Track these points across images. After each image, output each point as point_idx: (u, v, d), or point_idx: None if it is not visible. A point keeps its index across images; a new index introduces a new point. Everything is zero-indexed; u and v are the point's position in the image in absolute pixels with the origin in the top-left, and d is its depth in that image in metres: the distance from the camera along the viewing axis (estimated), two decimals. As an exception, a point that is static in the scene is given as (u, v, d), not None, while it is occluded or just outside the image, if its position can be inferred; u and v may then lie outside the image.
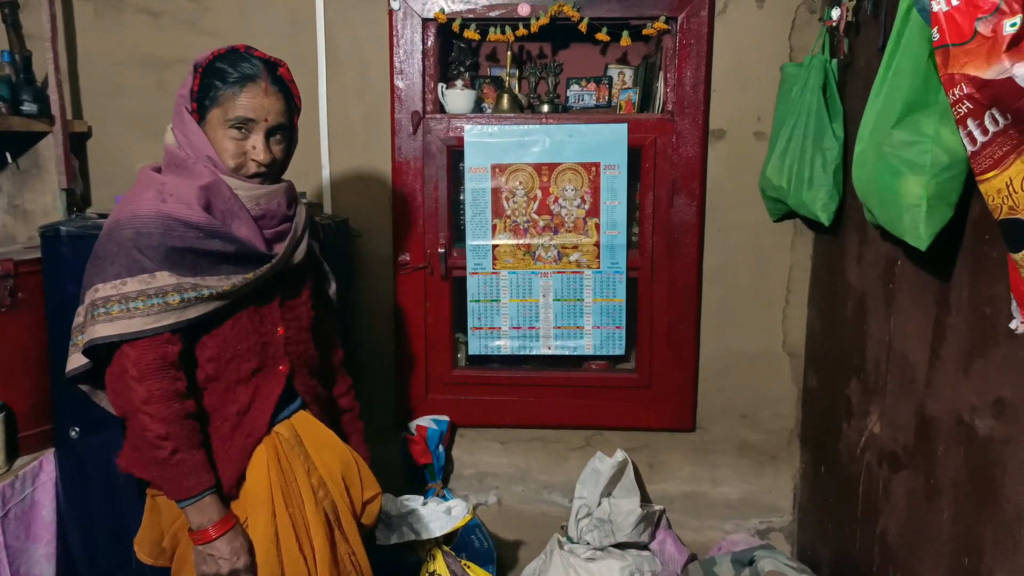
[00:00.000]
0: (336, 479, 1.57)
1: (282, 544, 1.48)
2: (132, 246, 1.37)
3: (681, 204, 2.43)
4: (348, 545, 1.58)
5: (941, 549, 1.58)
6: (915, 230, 1.43)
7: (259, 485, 1.49)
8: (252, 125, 1.45)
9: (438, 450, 2.44)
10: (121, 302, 1.35)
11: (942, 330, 1.58)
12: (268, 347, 1.53)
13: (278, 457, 1.52)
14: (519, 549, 2.63)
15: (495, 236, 2.46)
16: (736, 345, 2.51)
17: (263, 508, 1.48)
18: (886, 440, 1.85)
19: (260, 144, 1.46)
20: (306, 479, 1.53)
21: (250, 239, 1.47)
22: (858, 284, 2.04)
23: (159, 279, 1.36)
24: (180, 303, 1.37)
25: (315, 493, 1.54)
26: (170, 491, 1.41)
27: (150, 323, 1.36)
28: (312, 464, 1.56)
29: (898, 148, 1.44)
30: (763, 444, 2.56)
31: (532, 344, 2.51)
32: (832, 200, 2.06)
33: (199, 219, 1.40)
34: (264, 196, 1.49)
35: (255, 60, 1.46)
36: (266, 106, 1.45)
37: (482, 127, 2.42)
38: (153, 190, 1.42)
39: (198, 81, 1.45)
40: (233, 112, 1.43)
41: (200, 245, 1.40)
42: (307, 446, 1.57)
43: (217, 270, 1.43)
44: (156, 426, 1.36)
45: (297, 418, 1.59)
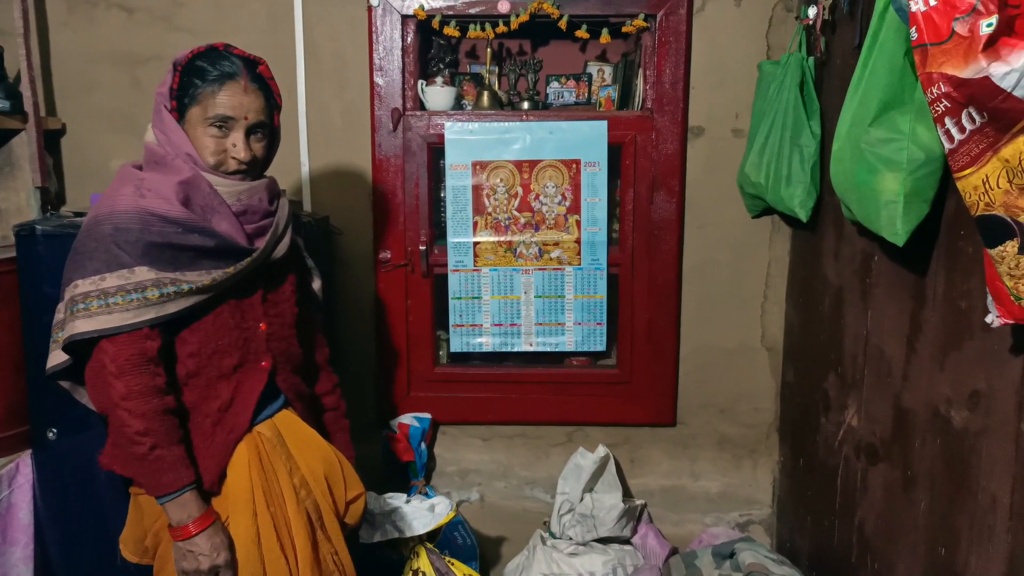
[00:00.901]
0: (319, 479, 1.57)
1: (263, 543, 1.48)
2: (111, 241, 1.37)
3: (661, 201, 2.44)
4: (331, 545, 1.57)
5: (918, 539, 1.61)
6: (892, 226, 1.46)
7: (240, 484, 1.48)
8: (232, 123, 1.45)
9: (420, 448, 2.44)
10: (100, 297, 1.35)
11: (918, 324, 1.61)
12: (250, 343, 1.52)
13: (260, 456, 1.51)
14: (502, 545, 2.64)
15: (476, 233, 2.46)
16: (715, 340, 2.54)
17: (244, 507, 1.48)
18: (863, 433, 1.88)
19: (240, 142, 1.46)
20: (288, 479, 1.53)
21: (230, 234, 1.47)
22: (835, 279, 2.07)
23: (138, 274, 1.36)
24: (159, 298, 1.37)
25: (297, 493, 1.53)
26: (150, 487, 1.41)
27: (129, 318, 1.35)
28: (294, 464, 1.55)
29: (875, 145, 1.46)
30: (742, 438, 2.59)
31: (514, 341, 2.52)
32: (809, 197, 2.09)
33: (177, 214, 1.40)
34: (245, 192, 1.49)
35: (234, 58, 1.47)
36: (245, 104, 1.45)
37: (462, 124, 2.42)
38: (131, 186, 1.43)
39: (177, 79, 1.46)
40: (213, 110, 1.44)
41: (179, 240, 1.40)
42: (289, 446, 1.56)
43: (197, 265, 1.43)
44: (135, 422, 1.36)
45: (280, 417, 1.58)
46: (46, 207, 2.33)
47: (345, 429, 1.83)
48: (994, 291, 1.14)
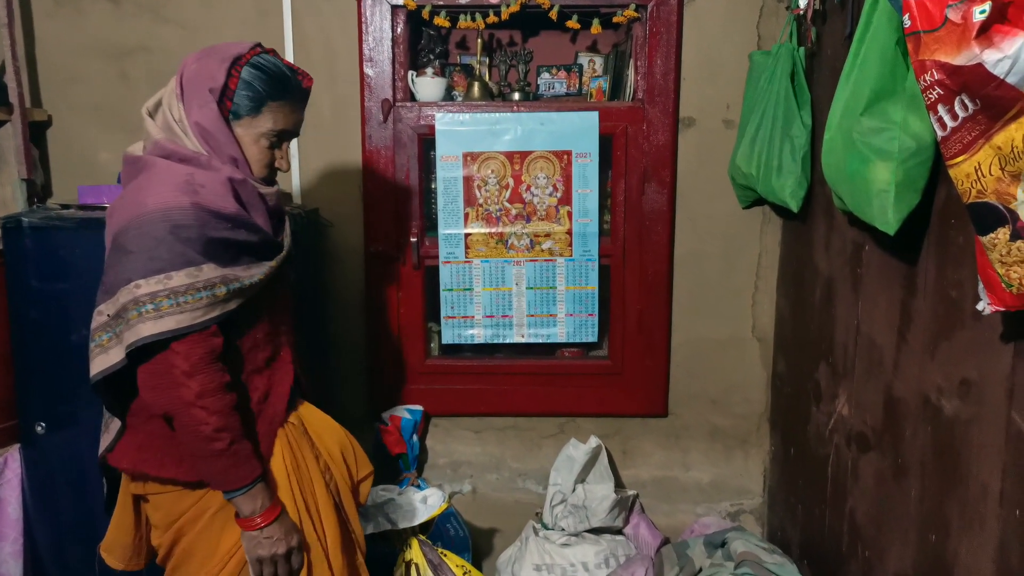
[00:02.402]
0: (338, 461, 1.62)
1: (305, 531, 1.51)
2: (173, 239, 1.32)
3: (652, 192, 2.44)
4: (351, 523, 1.63)
5: (909, 527, 1.61)
6: (884, 215, 1.46)
7: (278, 473, 1.51)
8: (287, 136, 1.50)
9: (412, 440, 2.44)
10: (170, 297, 1.31)
11: (909, 313, 1.62)
12: (277, 336, 1.56)
13: (291, 446, 1.54)
14: (494, 537, 2.64)
15: (467, 225, 2.45)
16: (707, 331, 2.54)
17: (284, 495, 1.50)
18: (854, 422, 1.89)
19: (287, 156, 1.52)
20: (315, 464, 1.56)
21: (268, 229, 1.50)
22: (826, 269, 2.08)
23: (205, 271, 1.34)
24: (226, 295, 1.37)
25: (324, 476, 1.57)
26: (225, 482, 1.40)
27: (199, 316, 1.33)
28: (318, 450, 1.59)
29: (866, 135, 1.46)
30: (733, 428, 2.60)
31: (505, 332, 2.52)
32: (800, 187, 2.09)
33: (232, 210, 1.39)
34: (273, 193, 1.53)
35: (294, 74, 1.49)
36: (300, 120, 1.51)
37: (453, 115, 2.41)
38: (181, 181, 1.36)
39: (236, 80, 1.41)
40: (277, 125, 1.46)
41: (231, 236, 1.39)
42: (311, 433, 1.60)
43: (240, 261, 1.43)
44: (213, 419, 1.35)
45: (304, 406, 1.63)
46: (32, 200, 2.31)
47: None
48: (985, 278, 1.14)
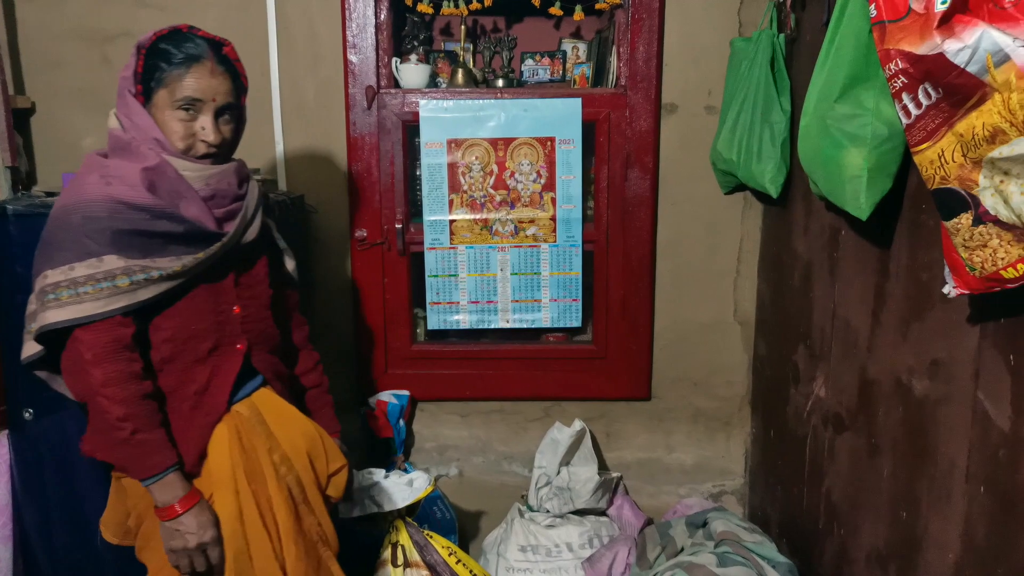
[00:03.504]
0: (300, 454, 1.61)
1: (246, 519, 1.51)
2: (80, 231, 1.37)
3: (635, 178, 2.47)
4: (314, 517, 1.62)
5: (881, 503, 1.66)
6: (856, 200, 1.49)
7: (221, 463, 1.52)
8: (200, 105, 1.46)
9: (399, 424, 2.46)
10: (70, 287, 1.36)
11: (882, 296, 1.65)
12: (225, 326, 1.54)
13: (239, 435, 1.54)
14: (480, 519, 2.68)
15: (452, 211, 2.47)
16: (689, 315, 2.57)
17: (226, 485, 1.51)
18: (831, 403, 1.93)
19: (209, 125, 1.47)
20: (267, 456, 1.56)
21: (199, 219, 1.47)
22: (804, 254, 2.11)
23: (107, 262, 1.37)
24: (130, 285, 1.38)
25: (277, 469, 1.56)
26: (134, 471, 1.43)
27: (100, 307, 1.36)
28: (274, 441, 1.58)
29: (840, 121, 1.49)
30: (715, 411, 2.64)
31: (490, 318, 2.54)
32: (780, 173, 2.12)
33: (144, 200, 1.41)
34: (214, 176, 1.50)
35: (200, 40, 1.47)
36: (213, 86, 1.46)
37: (437, 102, 2.42)
38: (97, 174, 1.43)
39: (142, 63, 1.45)
40: (180, 93, 1.44)
41: (148, 227, 1.41)
42: (269, 423, 1.59)
43: (168, 251, 1.44)
44: (115, 408, 1.38)
45: (258, 396, 1.61)
46: (17, 187, 2.30)
47: (329, 405, 1.86)
48: (951, 262, 1.17)
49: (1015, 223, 1.00)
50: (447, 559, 1.95)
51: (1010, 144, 0.95)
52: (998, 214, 1.02)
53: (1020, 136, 0.94)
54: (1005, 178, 0.99)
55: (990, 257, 1.06)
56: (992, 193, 1.02)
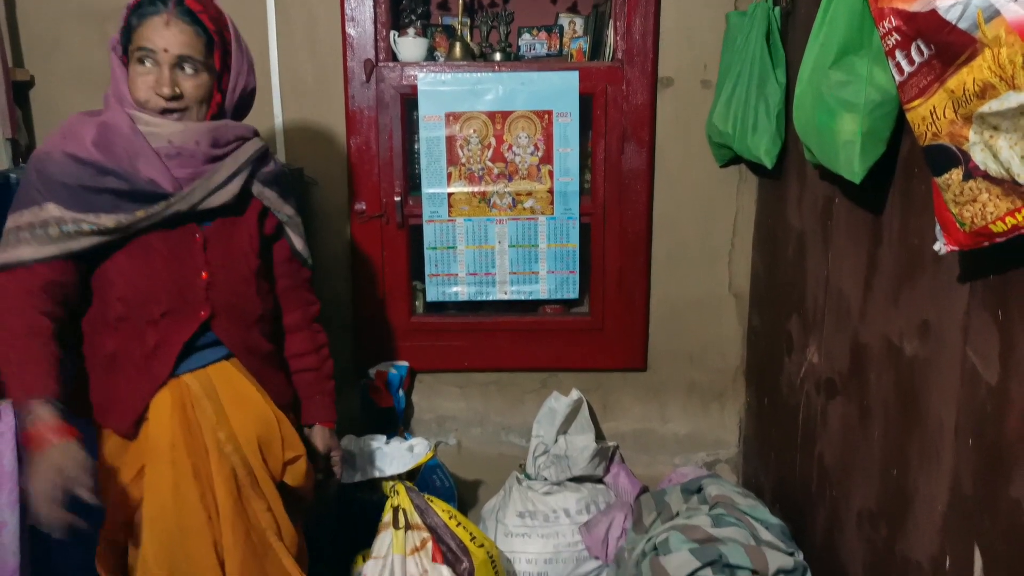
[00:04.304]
0: (248, 437, 1.54)
1: (181, 491, 1.47)
2: (32, 183, 1.43)
3: (631, 151, 2.49)
4: (264, 502, 1.55)
5: (872, 466, 1.70)
6: (850, 165, 1.52)
7: (160, 431, 1.49)
8: (155, 57, 1.44)
9: (398, 394, 2.50)
10: (14, 232, 1.42)
11: (874, 262, 1.69)
12: (185, 291, 1.51)
13: (184, 406, 1.51)
14: (479, 488, 2.72)
15: (450, 184, 2.49)
16: (684, 288, 2.61)
17: (163, 454, 1.48)
18: (823, 370, 1.97)
19: (164, 77, 1.45)
20: (212, 433, 1.51)
21: (153, 177, 1.45)
22: (798, 224, 2.14)
23: (46, 211, 1.41)
24: (60, 235, 1.41)
25: (222, 448, 1.51)
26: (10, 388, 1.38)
27: (30, 253, 1.41)
28: (223, 418, 1.53)
29: (834, 88, 1.52)
30: (710, 382, 2.68)
31: (488, 290, 2.57)
32: (775, 144, 2.15)
33: (88, 155, 1.43)
34: (177, 134, 1.47)
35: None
36: (166, 36, 1.44)
37: (435, 75, 2.44)
38: (61, 131, 1.48)
39: (124, 21, 1.49)
40: (135, 44, 1.45)
41: (94, 183, 1.42)
42: (222, 400, 1.54)
43: (116, 208, 1.44)
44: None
45: (216, 369, 1.56)
46: (17, 159, 2.32)
47: (325, 392, 1.78)
48: (941, 219, 1.20)
49: (1004, 177, 1.03)
50: (447, 522, 1.99)
51: (999, 99, 0.98)
52: (988, 168, 1.05)
53: (1009, 90, 0.97)
54: (994, 133, 1.02)
55: (980, 211, 1.09)
56: (982, 148, 1.05)
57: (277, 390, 1.66)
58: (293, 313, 1.75)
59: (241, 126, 1.58)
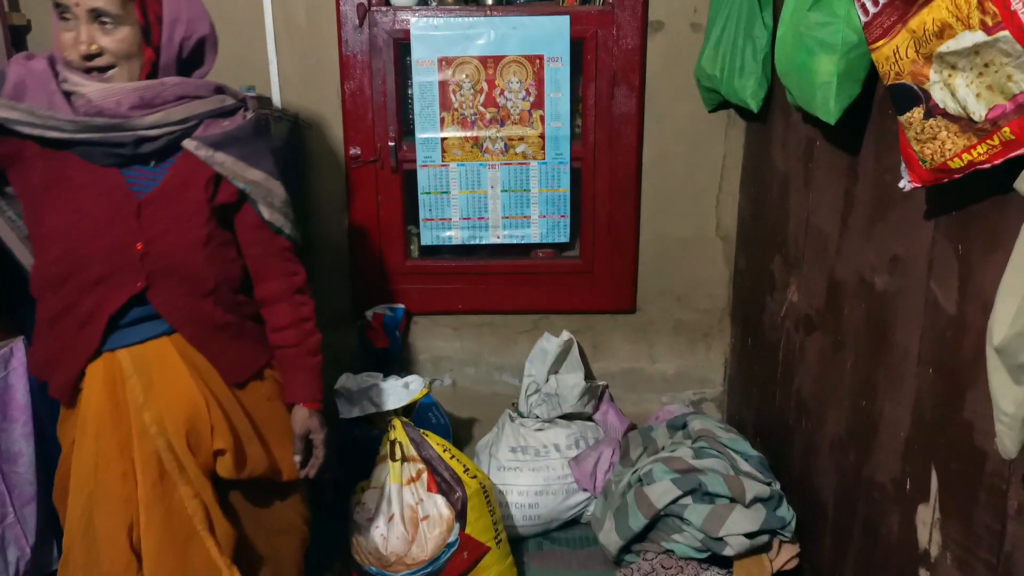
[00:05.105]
0: (176, 420, 1.44)
1: (100, 466, 1.42)
2: None
3: (621, 96, 2.53)
4: (191, 489, 1.45)
5: (843, 396, 1.79)
6: (826, 105, 1.57)
7: (88, 404, 1.44)
8: (69, 11, 1.31)
9: (395, 336, 2.58)
10: None
11: (851, 201, 1.75)
12: (118, 259, 1.40)
13: (113, 382, 1.44)
14: (473, 426, 2.82)
15: (443, 129, 2.53)
16: (673, 231, 2.67)
17: (88, 427, 1.44)
18: (802, 307, 2.04)
19: (79, 33, 1.31)
20: (138, 413, 1.43)
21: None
22: (782, 166, 2.19)
23: None
24: None
25: (146, 429, 1.43)
26: None
27: None
28: (152, 398, 1.44)
29: (813, 29, 1.55)
30: (697, 323, 2.76)
31: (481, 234, 2.63)
32: (761, 88, 2.18)
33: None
34: (98, 92, 1.33)
35: None
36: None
37: (428, 19, 2.46)
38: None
39: None
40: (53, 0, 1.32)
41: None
42: (153, 378, 1.45)
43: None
44: None
45: (152, 345, 1.46)
46: (16, 104, 2.35)
47: (307, 368, 1.60)
48: (906, 157, 1.26)
49: (961, 115, 1.09)
50: (441, 454, 2.09)
51: (956, 38, 1.03)
52: (946, 107, 1.11)
53: (965, 30, 1.02)
54: (952, 72, 1.07)
55: (939, 148, 1.15)
56: (941, 87, 1.10)
57: (239, 364, 1.54)
58: (268, 283, 1.57)
59: (188, 83, 1.42)
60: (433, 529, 2.01)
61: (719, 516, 1.90)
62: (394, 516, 2.02)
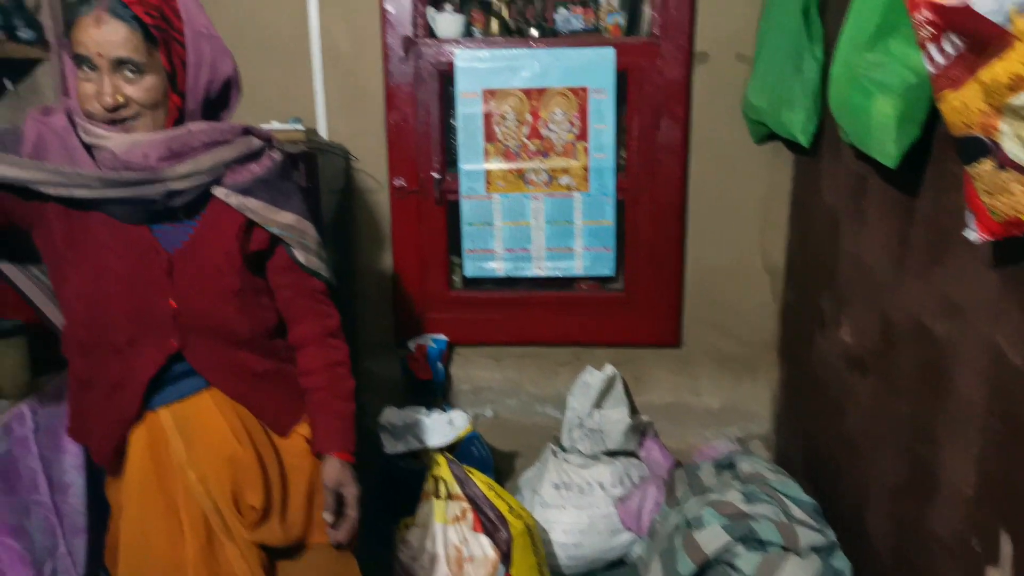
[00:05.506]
0: (219, 479, 1.39)
1: (150, 535, 1.38)
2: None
3: (667, 127, 2.50)
4: (237, 548, 1.40)
5: (899, 442, 1.73)
6: (886, 148, 1.53)
7: (133, 470, 1.39)
8: (91, 61, 1.22)
9: (437, 367, 2.57)
10: None
11: (906, 241, 1.70)
12: (150, 319, 1.34)
13: (156, 443, 1.39)
14: (515, 459, 2.80)
15: (487, 160, 2.53)
16: (718, 264, 2.63)
17: (135, 493, 1.40)
18: (854, 346, 1.99)
19: (103, 85, 1.22)
20: (182, 473, 1.38)
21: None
22: (832, 202, 2.15)
23: None
24: None
25: (191, 489, 1.38)
26: None
27: None
28: (195, 457, 1.39)
29: (870, 69, 1.52)
30: (742, 356, 2.70)
31: (524, 266, 2.62)
32: (811, 122, 2.14)
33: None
34: (124, 146, 1.25)
35: None
36: (97, 38, 1.21)
37: (472, 52, 2.46)
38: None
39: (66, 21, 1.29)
40: (78, 48, 1.22)
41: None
42: (193, 436, 1.39)
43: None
44: None
45: (192, 402, 1.40)
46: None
47: (339, 415, 1.48)
48: (973, 207, 1.22)
49: (1034, 168, 1.05)
50: (486, 493, 2.07)
51: (1030, 92, 0.99)
52: (1019, 160, 1.07)
53: (1040, 84, 0.98)
54: (1025, 125, 1.03)
55: (1011, 202, 1.11)
56: (1013, 139, 1.06)
57: (282, 411, 1.47)
58: (299, 326, 1.49)
59: (215, 128, 1.33)
60: (478, 570, 1.99)
61: (772, 565, 1.85)
62: (439, 556, 2.01)
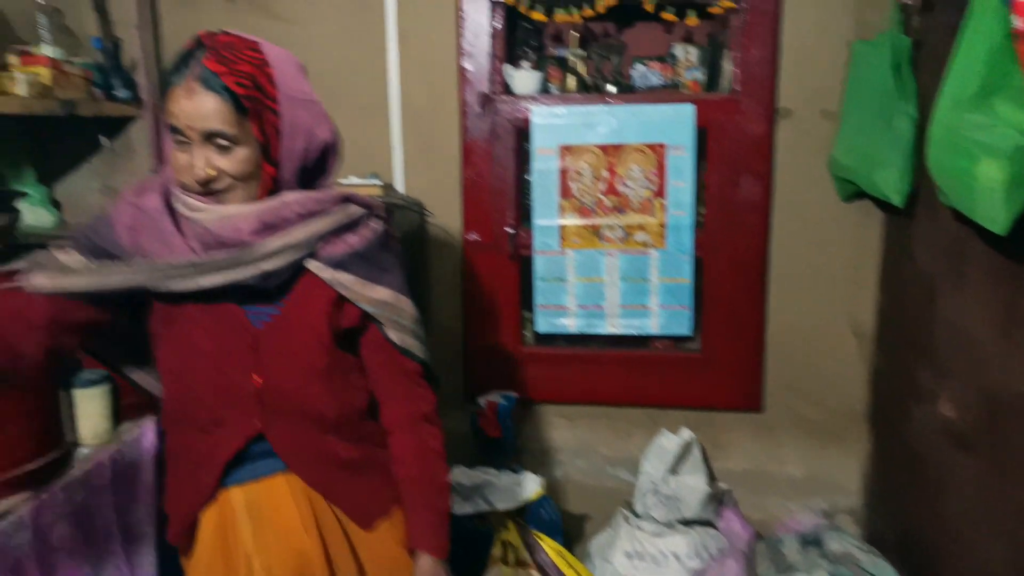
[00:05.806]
0: (284, 569, 1.31)
1: None
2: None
3: (748, 184, 2.43)
4: None
5: (1009, 529, 1.59)
6: (992, 213, 1.43)
7: (202, 549, 1.34)
8: (182, 133, 1.19)
9: (507, 424, 2.52)
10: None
11: (1015, 311, 1.58)
12: (234, 398, 1.30)
13: (225, 525, 1.33)
14: (585, 522, 2.70)
15: (562, 216, 2.50)
16: (803, 325, 2.51)
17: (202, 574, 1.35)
18: (955, 421, 1.85)
19: (196, 156, 1.19)
20: (246, 560, 1.31)
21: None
22: (928, 265, 2.03)
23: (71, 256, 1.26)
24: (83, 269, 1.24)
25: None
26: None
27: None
28: (262, 544, 1.31)
29: (974, 131, 1.43)
30: (829, 424, 2.56)
31: (598, 323, 2.56)
32: (904, 181, 2.04)
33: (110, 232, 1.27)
34: (215, 221, 1.21)
35: (183, 54, 1.21)
36: (188, 110, 1.17)
37: (549, 108, 2.46)
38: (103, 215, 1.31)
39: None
40: (170, 119, 1.20)
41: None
42: (265, 522, 1.32)
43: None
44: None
45: (266, 485, 1.33)
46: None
47: (434, 509, 1.37)
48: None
49: None
50: (556, 560, 1.99)
51: None
52: None
53: None
54: None
55: None
56: None
57: (367, 503, 1.38)
58: (392, 409, 1.40)
59: (310, 199, 1.26)
60: (545, 644, 1.91)
61: (863, 656, 1.71)
62: (504, 627, 1.93)
